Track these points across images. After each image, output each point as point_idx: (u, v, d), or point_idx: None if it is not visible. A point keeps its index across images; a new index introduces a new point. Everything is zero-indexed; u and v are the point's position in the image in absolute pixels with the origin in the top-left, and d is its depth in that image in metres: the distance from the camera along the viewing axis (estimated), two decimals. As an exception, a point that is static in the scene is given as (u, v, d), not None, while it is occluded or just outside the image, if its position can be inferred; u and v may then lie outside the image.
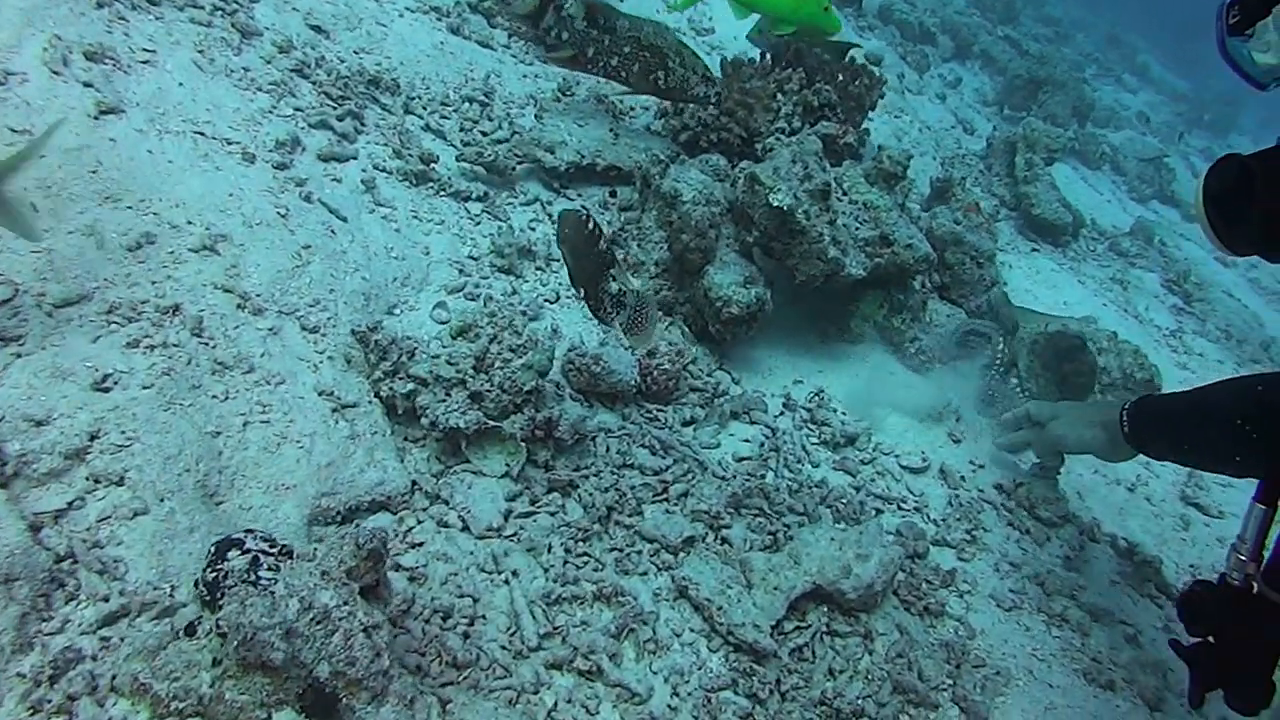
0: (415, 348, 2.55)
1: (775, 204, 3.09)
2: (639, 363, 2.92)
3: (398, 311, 2.86)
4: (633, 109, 4.21)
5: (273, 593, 1.54)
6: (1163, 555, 3.57)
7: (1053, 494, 3.37)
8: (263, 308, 2.49)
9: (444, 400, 2.43)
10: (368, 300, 2.77)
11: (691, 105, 3.77)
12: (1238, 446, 2.32)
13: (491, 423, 2.45)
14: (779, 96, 3.68)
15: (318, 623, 1.56)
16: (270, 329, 2.46)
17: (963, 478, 3.37)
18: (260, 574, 1.58)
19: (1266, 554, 1.95)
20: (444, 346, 2.52)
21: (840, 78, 3.85)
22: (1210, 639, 2.01)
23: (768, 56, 3.92)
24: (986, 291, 4.19)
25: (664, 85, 3.56)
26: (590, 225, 2.23)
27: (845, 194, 3.49)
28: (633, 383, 2.86)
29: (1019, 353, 3.95)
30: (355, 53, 3.63)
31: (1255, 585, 1.85)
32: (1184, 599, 2.05)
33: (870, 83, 3.84)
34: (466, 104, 3.68)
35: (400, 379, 2.50)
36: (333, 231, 2.85)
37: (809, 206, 3.17)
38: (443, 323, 2.86)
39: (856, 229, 3.40)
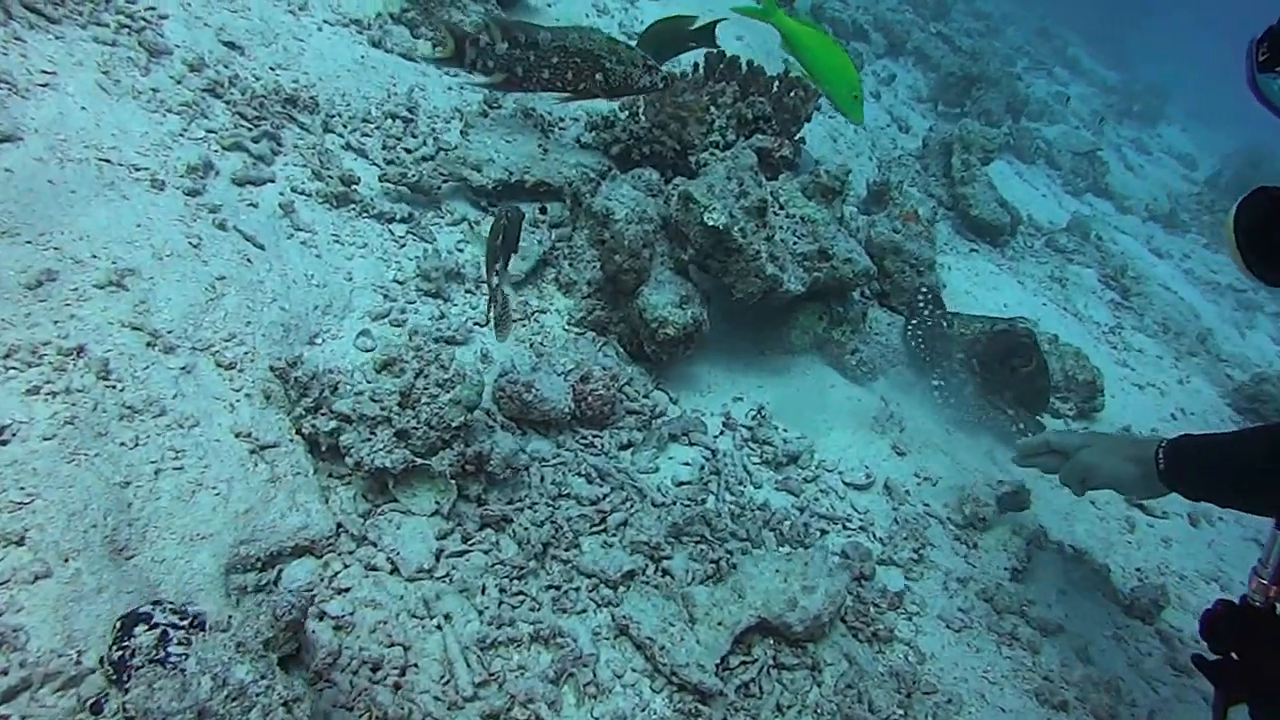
0: (338, 382, 2.47)
1: (710, 223, 3.04)
2: (573, 388, 2.86)
3: (320, 341, 2.78)
4: (562, 120, 4.15)
5: (183, 670, 1.46)
6: (1110, 560, 3.59)
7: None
8: (174, 345, 2.39)
9: (369, 439, 2.36)
10: (287, 331, 2.68)
11: (623, 120, 3.73)
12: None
13: (419, 460, 2.38)
14: (713, 109, 3.63)
15: (233, 700, 1.49)
16: (183, 368, 2.36)
17: (907, 492, 3.36)
18: (170, 650, 1.50)
19: None
20: (368, 382, 2.45)
21: (775, 89, 3.81)
22: (1234, 656, 2.06)
23: (700, 68, 3.87)
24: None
25: (606, 85, 3.52)
26: (505, 222, 2.52)
27: (782, 208, 3.45)
28: (566, 409, 2.80)
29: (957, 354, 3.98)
30: (271, 69, 3.53)
31: (1276, 607, 1.92)
32: (1207, 618, 2.10)
33: (805, 95, 3.81)
34: (389, 120, 3.60)
35: (323, 415, 2.41)
36: (249, 260, 2.76)
37: (745, 224, 3.13)
38: (367, 350, 2.79)
39: (794, 244, 3.37)
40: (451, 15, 4.25)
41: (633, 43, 5.52)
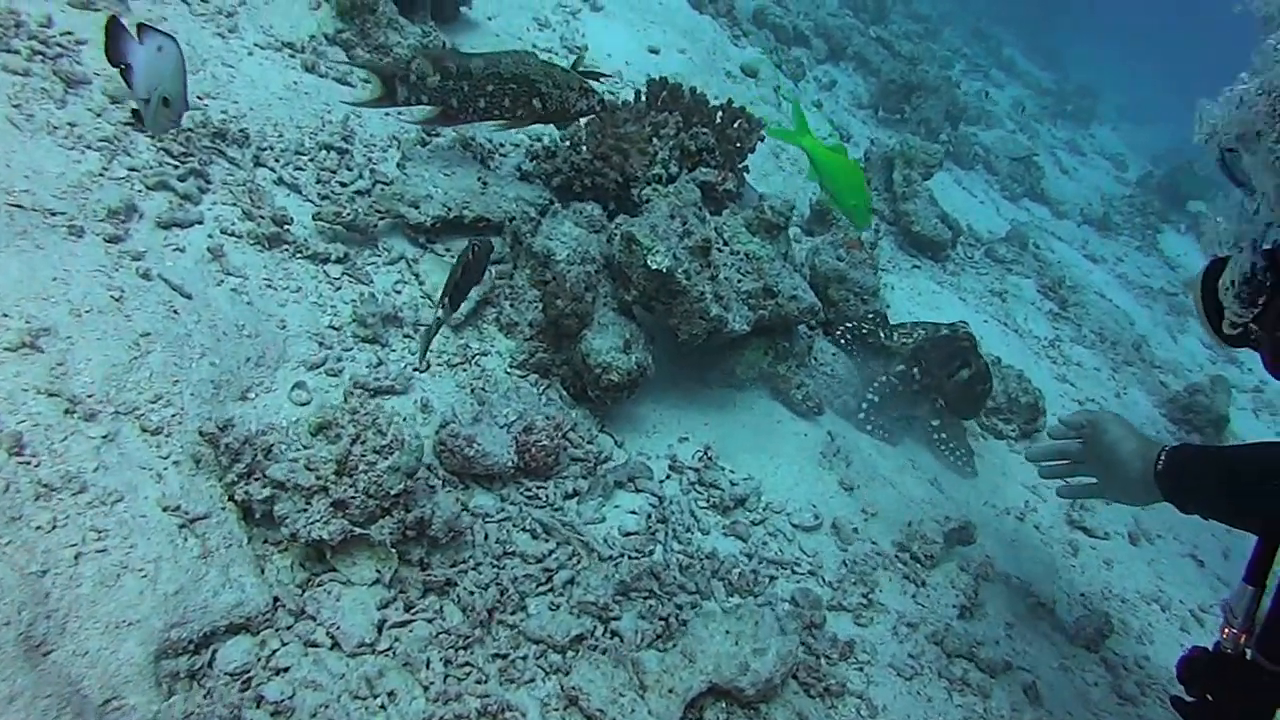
0: (271, 445, 2.37)
1: (654, 266, 2.98)
2: (515, 440, 2.77)
3: (252, 395, 2.66)
4: (502, 145, 4.06)
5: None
6: (1055, 586, 3.61)
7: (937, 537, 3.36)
8: (95, 411, 2.27)
9: (304, 509, 2.26)
10: (218, 388, 2.57)
11: (564, 150, 3.65)
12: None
13: (358, 530, 2.29)
14: (655, 141, 3.56)
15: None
16: (105, 436, 2.24)
17: (855, 529, 3.32)
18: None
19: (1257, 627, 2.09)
20: (303, 448, 2.35)
21: (718, 119, 3.75)
22: (1208, 698, 2.17)
23: (642, 97, 3.79)
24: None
25: (544, 110, 3.44)
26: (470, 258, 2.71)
27: (726, 244, 3.39)
28: (510, 463, 2.72)
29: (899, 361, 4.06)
30: (200, 98, 3.39)
31: (1247, 652, 2.02)
32: (1184, 664, 2.20)
33: (749, 126, 3.75)
34: (324, 152, 3.48)
35: (256, 481, 2.31)
36: (175, 312, 2.64)
37: (689, 265, 3.07)
38: (302, 404, 2.68)
39: (739, 281, 3.31)
40: (388, 37, 4.13)
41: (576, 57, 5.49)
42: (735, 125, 3.73)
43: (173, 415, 2.41)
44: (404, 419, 2.81)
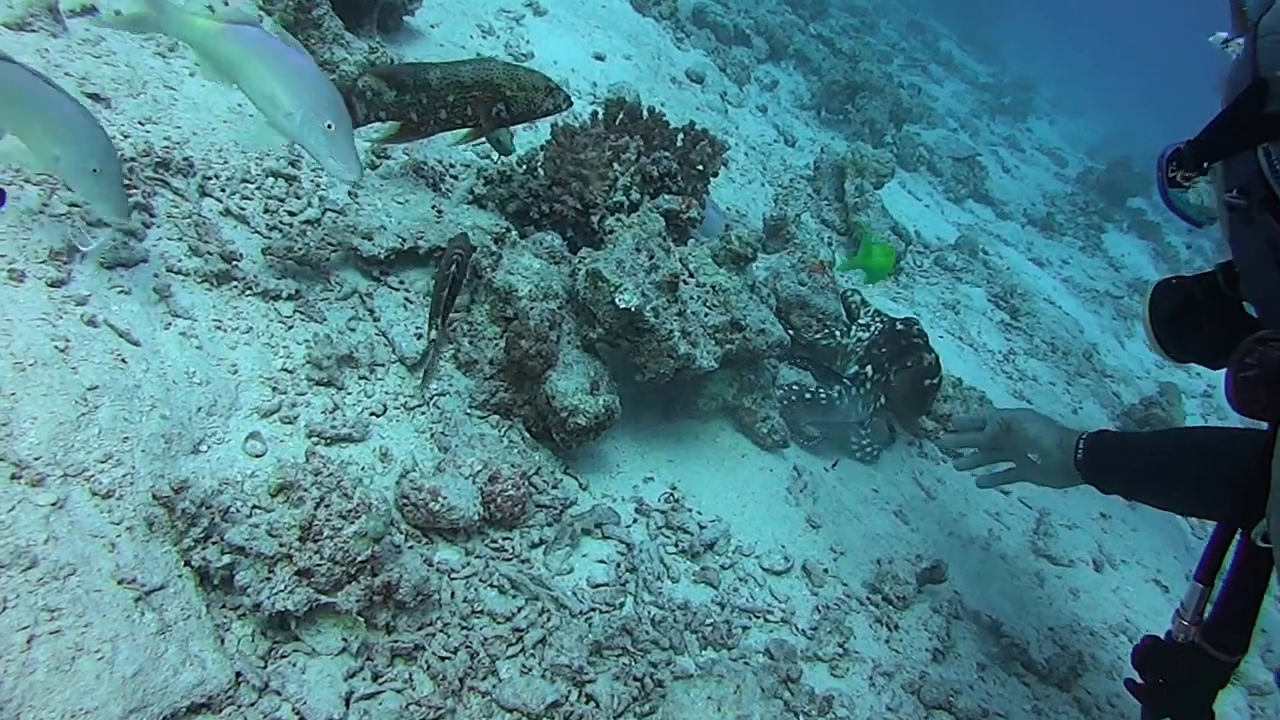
0: (229, 506, 2.30)
1: (622, 305, 2.94)
2: (481, 490, 2.73)
3: (205, 448, 2.58)
4: (453, 166, 3.99)
5: None
6: (1024, 622, 3.63)
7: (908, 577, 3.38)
8: (43, 475, 2.19)
9: (268, 579, 2.20)
10: (169, 442, 2.48)
11: (519, 175, 3.60)
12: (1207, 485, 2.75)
13: (324, 598, 2.23)
14: (615, 166, 3.52)
15: None
16: (54, 503, 2.16)
17: (825, 570, 3.33)
18: None
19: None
20: (264, 510, 2.28)
21: (680, 142, 3.72)
22: (1160, 681, 2.39)
23: (599, 118, 3.75)
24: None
25: (510, 114, 3.39)
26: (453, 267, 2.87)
27: (693, 275, 3.37)
28: (475, 516, 2.68)
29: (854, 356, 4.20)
30: (140, 124, 3.28)
31: (1196, 642, 2.23)
32: (1139, 651, 2.41)
33: (713, 151, 3.72)
34: (271, 179, 3.39)
35: (214, 545, 2.24)
36: (123, 361, 2.55)
37: (657, 302, 3.05)
38: (257, 455, 2.61)
39: (705, 315, 3.29)
40: (334, 53, 4.04)
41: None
42: (698, 148, 3.69)
43: (124, 475, 2.32)
44: (363, 469, 2.76)
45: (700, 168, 3.72)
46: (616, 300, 2.95)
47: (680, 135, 3.77)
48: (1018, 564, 4.10)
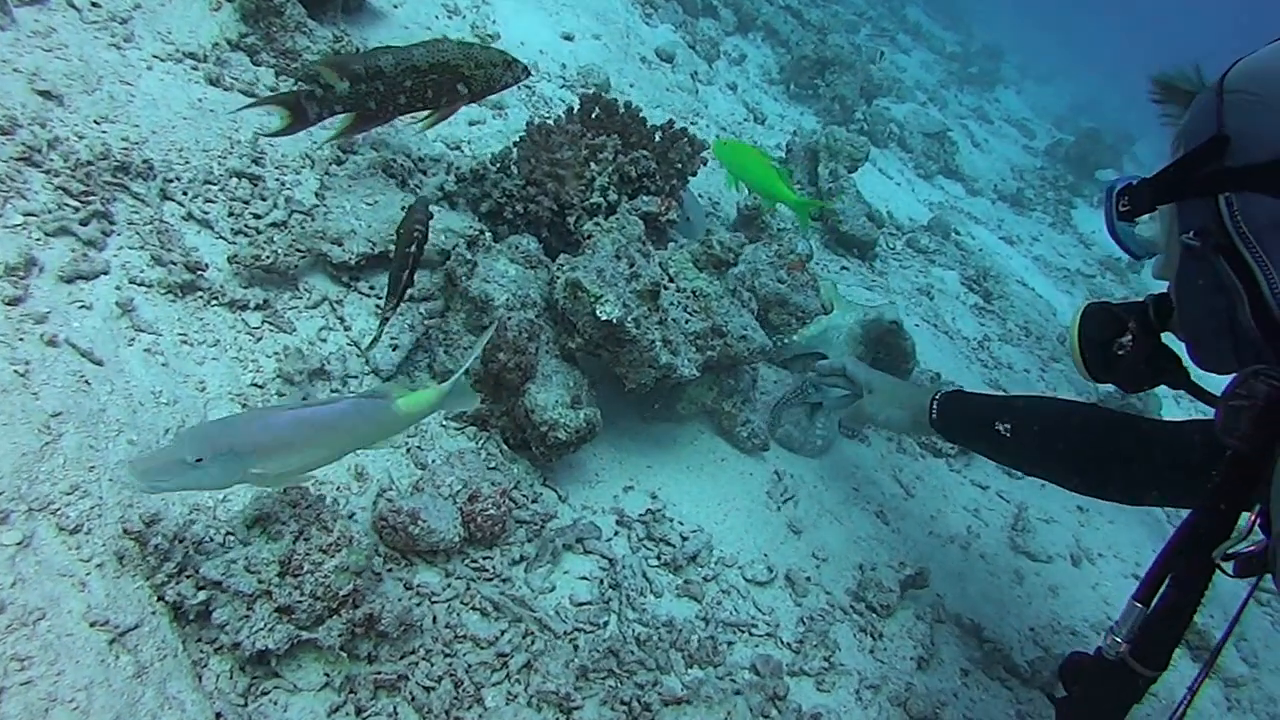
0: (203, 537, 2.26)
1: (604, 317, 2.91)
2: (461, 510, 2.69)
3: (174, 472, 2.53)
4: (422, 160, 3.92)
5: None
6: (1004, 620, 3.66)
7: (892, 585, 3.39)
8: (7, 512, 2.13)
9: (247, 616, 2.16)
10: (138, 469, 2.43)
11: (492, 175, 3.54)
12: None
13: (305, 634, 2.19)
14: (592, 165, 3.47)
15: None
16: (20, 542, 2.10)
17: (808, 578, 3.33)
18: None
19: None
20: (241, 544, 2.24)
21: (658, 139, 3.67)
22: (1082, 695, 2.49)
23: (575, 114, 3.69)
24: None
25: (470, 93, 3.33)
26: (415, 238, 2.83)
27: (673, 280, 3.34)
28: (455, 538, 2.65)
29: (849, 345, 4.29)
30: (96, 123, 3.19)
31: (1125, 660, 2.30)
32: (1065, 665, 2.53)
33: (692, 150, 3.67)
34: (234, 180, 3.31)
35: (189, 579, 2.20)
36: (87, 383, 2.49)
37: (638, 313, 3.01)
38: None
39: (687, 321, 3.26)
40: (296, 41, 3.95)
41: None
42: (677, 147, 3.65)
43: (91, 508, 2.27)
44: (338, 489, 2.72)
45: (679, 166, 3.68)
46: (597, 312, 2.92)
47: (658, 132, 3.72)
48: (997, 562, 4.12)
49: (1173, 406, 6.64)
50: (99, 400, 2.48)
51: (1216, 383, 2.05)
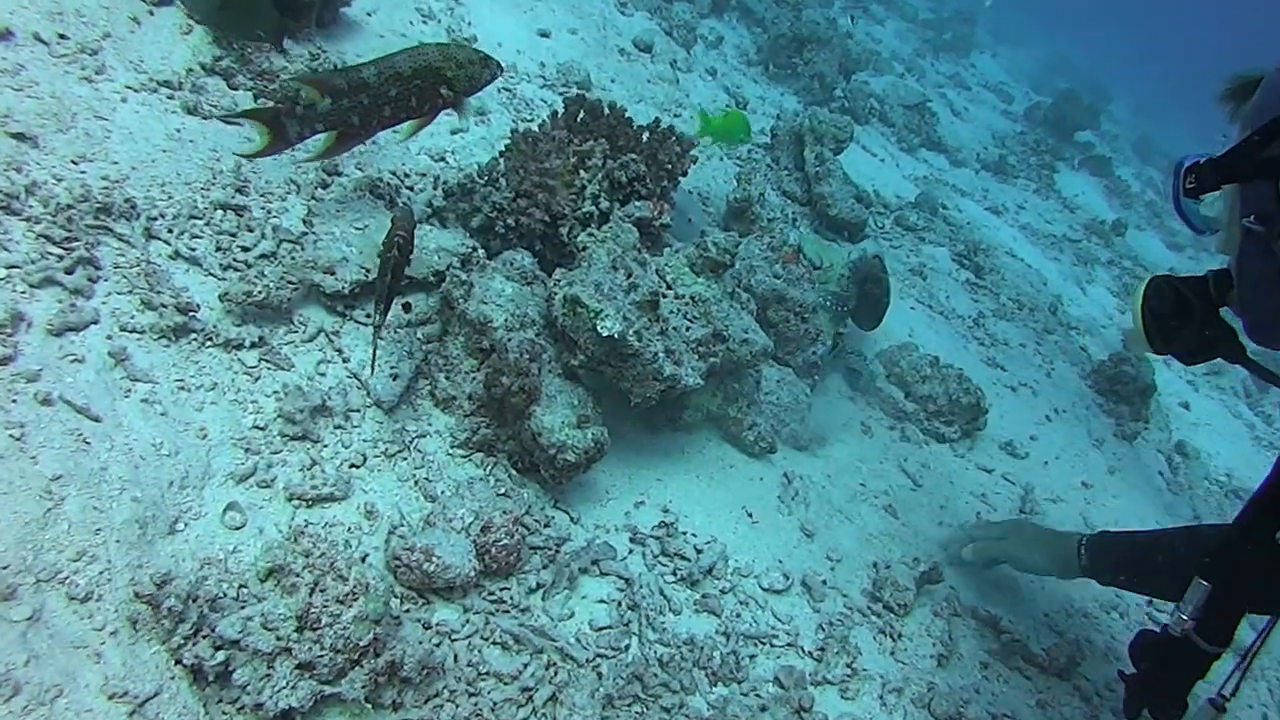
0: (216, 594, 2.21)
1: (605, 333, 2.86)
2: (474, 543, 2.65)
3: (181, 525, 2.48)
4: (408, 174, 3.85)
5: None
6: (1018, 608, 3.66)
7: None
8: (15, 586, 2.08)
9: (268, 676, 2.11)
10: (143, 527, 2.37)
11: (481, 188, 3.47)
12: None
13: (328, 689, 2.15)
14: (582, 173, 3.41)
15: None
16: (30, 616, 2.05)
17: (824, 581, 3.30)
18: None
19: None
20: (256, 599, 2.19)
21: (646, 140, 3.61)
22: (1151, 670, 2.59)
23: (560, 119, 3.63)
24: (812, 344, 4.11)
25: (454, 93, 3.26)
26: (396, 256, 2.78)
27: (671, 287, 3.29)
28: (471, 572, 2.60)
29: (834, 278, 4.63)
30: (74, 163, 3.11)
31: (1190, 637, 2.41)
32: (1134, 643, 2.64)
33: (681, 150, 3.61)
34: (219, 212, 3.24)
35: (205, 640, 2.15)
36: (85, 442, 2.43)
37: (639, 325, 2.96)
38: (237, 528, 2.51)
39: (687, 328, 3.21)
40: (272, 61, 3.87)
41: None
42: (666, 147, 3.59)
43: (100, 573, 2.22)
44: (349, 529, 2.67)
45: (669, 167, 3.61)
46: (598, 328, 2.87)
47: (646, 133, 3.66)
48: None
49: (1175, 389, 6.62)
50: (99, 459, 2.42)
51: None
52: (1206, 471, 6.51)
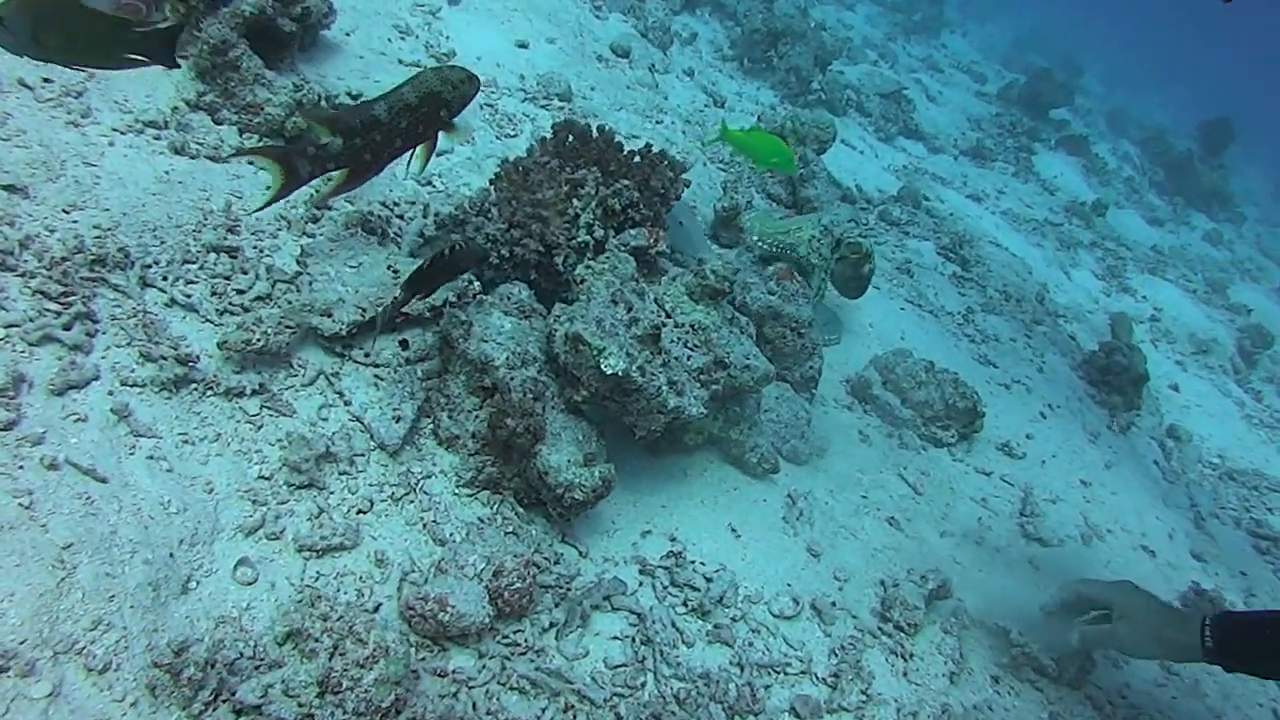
0: (234, 659, 2.20)
1: (609, 371, 2.86)
2: (487, 589, 2.65)
3: (194, 584, 2.47)
4: (397, 203, 3.84)
5: None
6: (1026, 616, 3.67)
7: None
8: (33, 661, 2.07)
9: (290, 744, 2.11)
10: (156, 590, 2.37)
11: (473, 219, 3.46)
12: None
13: (352, 753, 2.15)
14: (575, 202, 3.40)
15: None
16: (50, 693, 2.05)
17: (833, 603, 3.32)
18: None
19: None
20: (277, 667, 2.19)
21: (637, 163, 3.60)
22: None
23: (548, 144, 3.62)
24: (809, 358, 4.12)
25: (450, 115, 3.22)
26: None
27: (670, 316, 3.29)
28: (486, 618, 2.60)
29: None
30: (66, 212, 3.09)
31: None
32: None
33: (673, 174, 3.61)
34: (213, 255, 3.22)
35: (225, 704, 2.15)
36: (94, 505, 2.42)
37: (642, 360, 2.96)
38: (248, 584, 2.51)
39: (689, 357, 3.22)
40: (257, 94, 3.85)
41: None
42: (657, 171, 3.58)
43: (117, 641, 2.21)
44: (361, 579, 2.66)
45: (662, 193, 3.61)
46: (602, 366, 2.87)
47: (637, 156, 3.65)
48: (1011, 553, 4.13)
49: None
50: (109, 522, 2.41)
51: None
52: (1199, 454, 6.57)
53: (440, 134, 3.29)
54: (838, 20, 12.40)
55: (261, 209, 3.13)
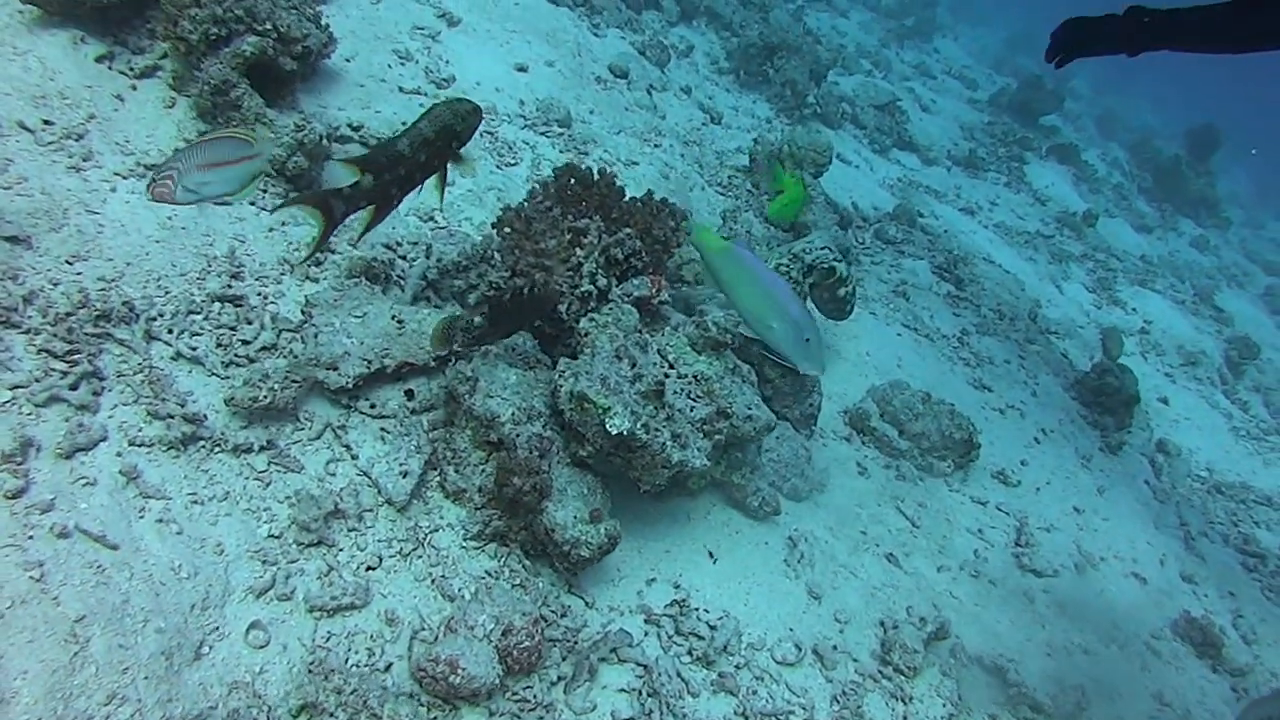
0: (250, 729, 2.21)
1: (613, 430, 2.87)
2: (497, 649, 2.66)
3: (206, 649, 2.47)
4: (399, 244, 3.84)
5: None
6: (1023, 651, 3.70)
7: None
8: (50, 742, 2.08)
9: (307, 821, 2.12)
10: (169, 658, 2.37)
11: (476, 266, 3.47)
12: None
13: (367, 826, 2.16)
14: (578, 250, 3.41)
15: None
16: (68, 773, 2.05)
17: (834, 647, 3.33)
18: None
19: None
20: (290, 742, 2.20)
21: (639, 212, 3.60)
22: None
23: (550, 189, 3.62)
24: (808, 396, 4.14)
25: (459, 144, 3.22)
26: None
27: (673, 367, 3.29)
28: (496, 678, 2.61)
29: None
30: (69, 263, 3.09)
31: None
32: None
33: (675, 224, 3.62)
34: (217, 305, 3.23)
35: (239, 779, 2.16)
36: (105, 574, 2.42)
37: (647, 418, 2.97)
38: (260, 647, 2.52)
39: (691, 408, 3.23)
40: (258, 131, 3.84)
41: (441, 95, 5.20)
42: (659, 220, 3.59)
43: (132, 715, 2.22)
44: (371, 638, 2.67)
45: (663, 241, 3.61)
46: (607, 426, 2.88)
47: (638, 203, 3.65)
48: (1007, 585, 4.15)
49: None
50: (121, 591, 2.41)
51: None
52: (1189, 469, 6.61)
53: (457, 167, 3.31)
54: (832, 28, 12.39)
55: (309, 257, 3.13)
